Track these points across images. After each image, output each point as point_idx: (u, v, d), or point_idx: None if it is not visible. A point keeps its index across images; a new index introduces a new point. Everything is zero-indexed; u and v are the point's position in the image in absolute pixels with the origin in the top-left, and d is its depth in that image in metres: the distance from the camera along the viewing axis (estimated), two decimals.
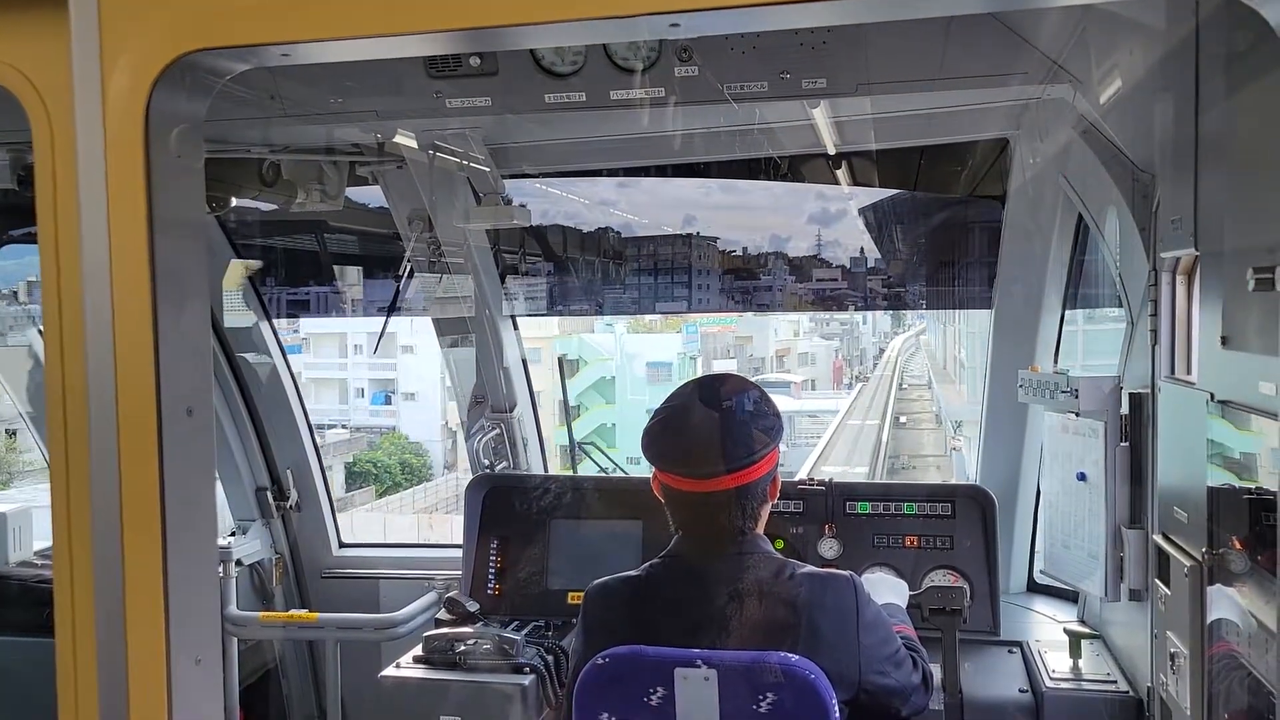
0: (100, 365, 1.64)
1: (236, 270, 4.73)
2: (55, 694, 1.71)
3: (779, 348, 35.19)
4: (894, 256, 5.45)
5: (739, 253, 6.38)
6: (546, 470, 5.11)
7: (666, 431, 2.68)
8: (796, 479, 4.06)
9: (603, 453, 4.85)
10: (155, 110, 1.59)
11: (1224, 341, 2.12)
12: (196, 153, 1.76)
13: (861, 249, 5.88)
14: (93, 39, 1.58)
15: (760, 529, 2.69)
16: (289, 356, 5.04)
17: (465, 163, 4.16)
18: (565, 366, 5.28)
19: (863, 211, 5.12)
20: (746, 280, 6.35)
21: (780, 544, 3.79)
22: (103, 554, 1.65)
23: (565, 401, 5.02)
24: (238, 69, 1.67)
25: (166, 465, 1.64)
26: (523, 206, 4.19)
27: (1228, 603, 2.14)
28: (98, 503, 1.65)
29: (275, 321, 5.04)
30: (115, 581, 1.65)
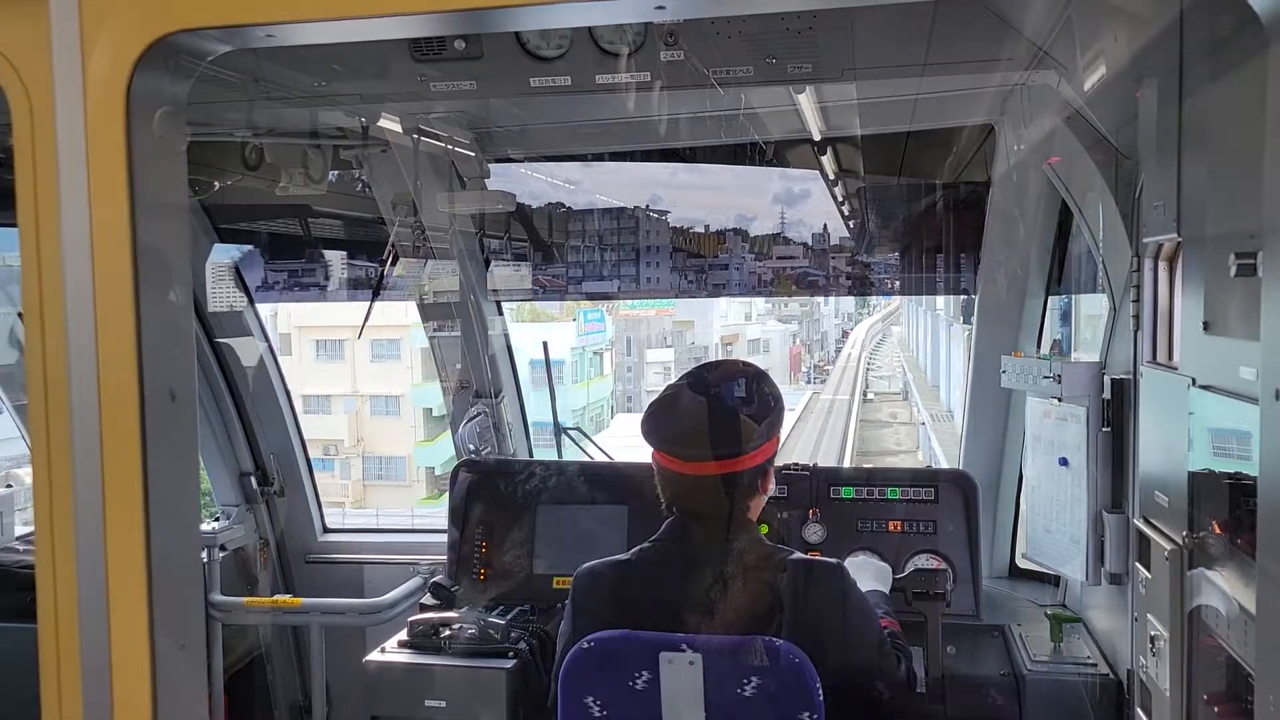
0: (82, 349, 1.63)
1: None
2: (38, 680, 1.70)
3: (726, 334, 30.06)
4: (874, 240, 5.43)
5: (699, 230, 6.01)
6: (532, 455, 5.11)
7: (663, 411, 2.70)
8: (781, 464, 4.07)
9: (588, 438, 4.86)
10: (136, 92, 1.58)
11: (1206, 327, 2.13)
12: (179, 135, 1.74)
13: (825, 227, 5.69)
14: (72, 19, 1.56)
15: (752, 515, 2.71)
16: None
17: (450, 147, 4.14)
18: (547, 353, 5.27)
19: (846, 196, 5.12)
20: (701, 259, 5.98)
21: (765, 528, 3.80)
22: (85, 539, 1.64)
23: (551, 387, 5.02)
24: (220, 50, 1.65)
25: (149, 449, 1.63)
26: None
27: (1208, 586, 2.16)
28: (80, 487, 1.64)
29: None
30: (98, 566, 1.64)
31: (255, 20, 1.57)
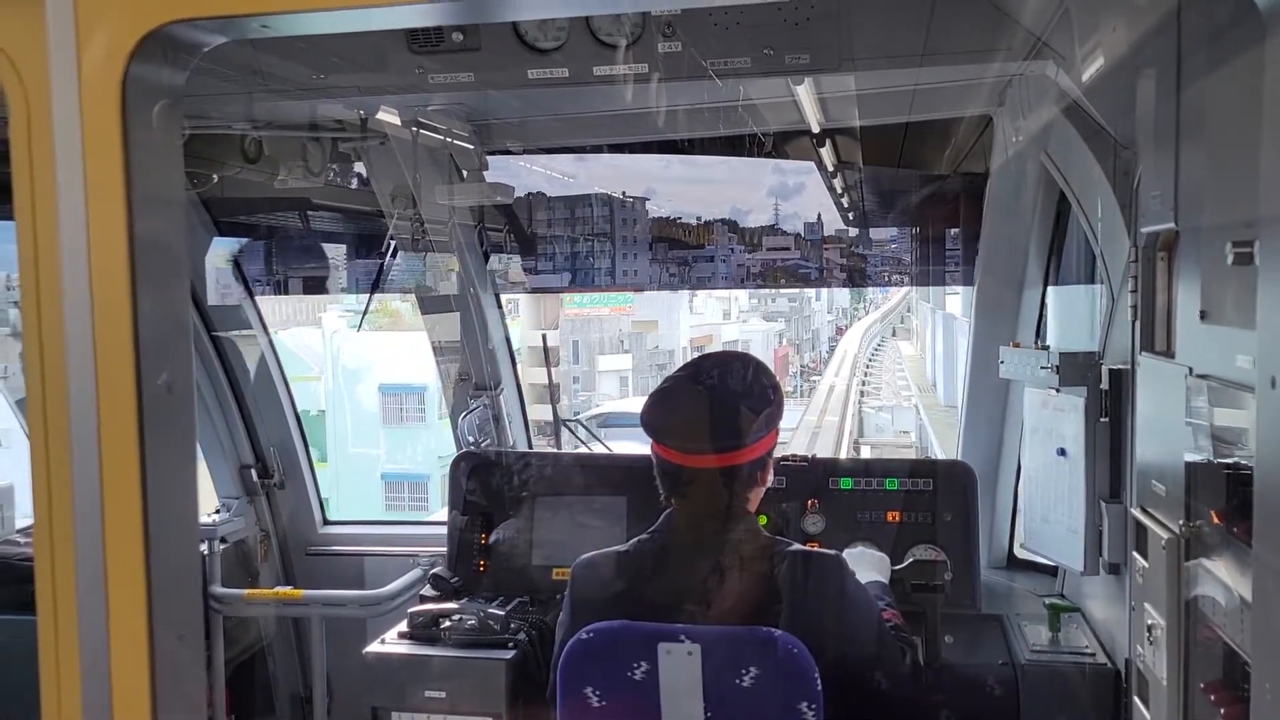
0: (79, 342, 1.63)
1: None
2: (37, 671, 1.71)
3: (697, 336, 24.94)
4: (871, 231, 5.39)
5: (690, 222, 5.71)
6: (530, 447, 5.12)
7: (663, 403, 2.70)
8: (779, 454, 4.08)
9: (588, 430, 4.86)
10: (132, 83, 1.58)
11: (1203, 316, 2.13)
12: (175, 127, 1.74)
13: (820, 217, 5.55)
14: (68, 11, 1.56)
15: (750, 507, 2.71)
16: None
17: (448, 139, 4.14)
18: (546, 344, 5.27)
19: (845, 188, 5.11)
20: (686, 249, 5.60)
21: (764, 519, 3.81)
22: (84, 530, 1.64)
23: (550, 382, 5.02)
24: (215, 41, 1.65)
25: (147, 441, 1.63)
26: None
27: (1205, 575, 2.16)
28: (78, 480, 1.64)
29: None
30: (96, 558, 1.64)
31: (251, 10, 1.56)
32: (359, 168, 4.52)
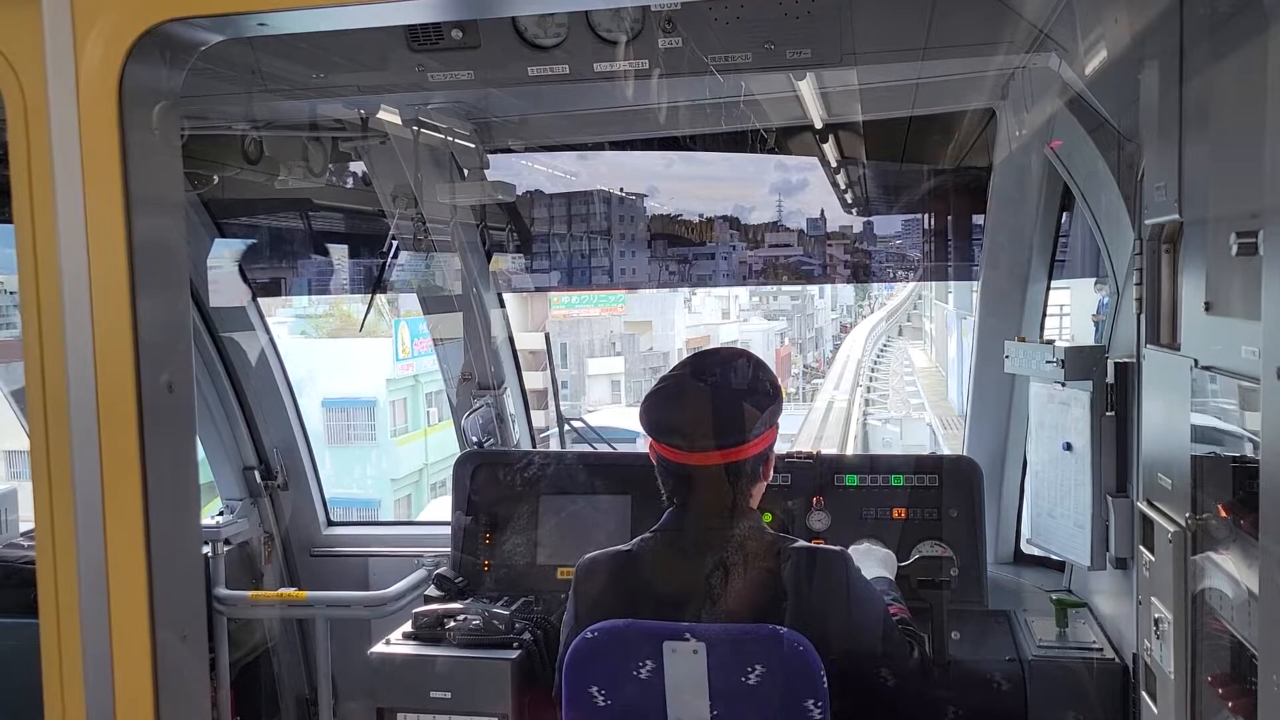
0: (78, 343, 1.62)
1: None
2: (40, 675, 1.71)
3: (694, 336, 23.30)
4: (874, 226, 5.35)
5: (693, 219, 5.60)
6: (534, 446, 5.12)
7: (662, 401, 2.69)
8: (784, 452, 4.07)
9: (590, 428, 4.86)
10: (129, 83, 1.57)
11: (1207, 307, 2.12)
12: (174, 127, 1.74)
13: (822, 212, 5.45)
14: (64, 8, 1.55)
15: (753, 504, 2.71)
16: None
17: (449, 138, 4.13)
18: (549, 343, 5.27)
19: (848, 184, 5.10)
20: (686, 248, 5.45)
21: (768, 517, 3.79)
22: (85, 532, 1.64)
23: (554, 379, 5.02)
24: (212, 39, 1.65)
25: (148, 441, 1.63)
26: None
27: (1212, 568, 2.15)
28: (79, 481, 1.64)
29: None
30: (98, 560, 1.64)
31: (247, 8, 1.56)
32: (358, 167, 4.52)
